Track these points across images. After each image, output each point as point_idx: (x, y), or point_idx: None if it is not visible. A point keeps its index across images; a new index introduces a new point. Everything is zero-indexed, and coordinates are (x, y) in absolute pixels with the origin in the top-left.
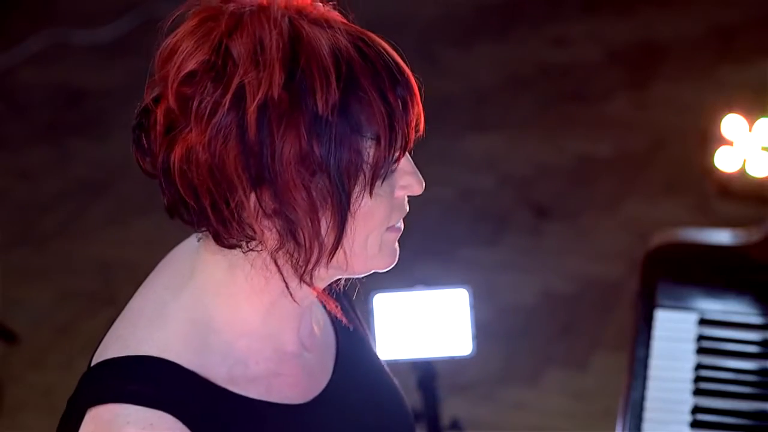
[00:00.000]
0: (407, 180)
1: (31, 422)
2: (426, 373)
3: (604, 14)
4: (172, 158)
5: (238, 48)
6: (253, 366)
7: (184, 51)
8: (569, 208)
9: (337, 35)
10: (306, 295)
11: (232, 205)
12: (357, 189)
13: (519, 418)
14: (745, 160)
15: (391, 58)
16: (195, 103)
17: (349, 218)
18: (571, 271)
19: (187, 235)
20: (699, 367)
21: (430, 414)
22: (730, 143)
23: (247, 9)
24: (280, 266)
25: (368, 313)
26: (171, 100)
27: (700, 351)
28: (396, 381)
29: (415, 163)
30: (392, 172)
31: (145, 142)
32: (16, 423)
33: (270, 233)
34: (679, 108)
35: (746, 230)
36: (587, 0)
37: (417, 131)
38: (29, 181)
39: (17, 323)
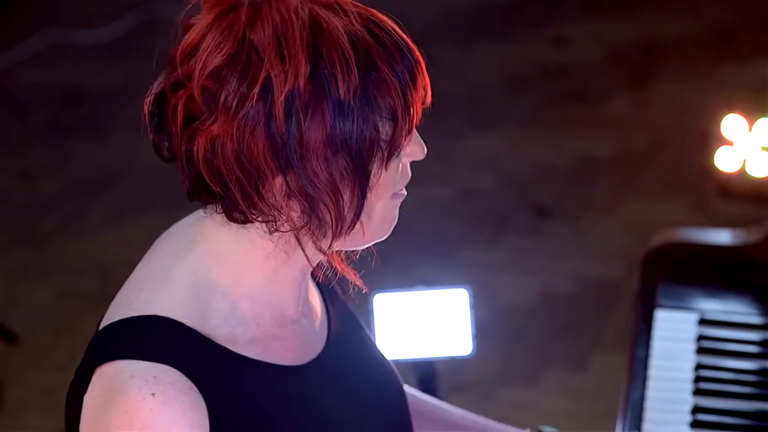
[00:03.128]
0: (412, 148)
1: (31, 422)
2: (426, 373)
3: (604, 14)
4: (195, 148)
5: (262, 40)
6: (253, 328)
7: (208, 46)
8: (569, 208)
9: (352, 20)
10: (305, 264)
11: (262, 190)
12: (375, 165)
13: (519, 418)
14: (745, 160)
15: (398, 35)
16: (222, 97)
17: (369, 193)
18: (571, 271)
19: None
20: (699, 367)
21: None
22: (730, 143)
23: None
24: (301, 239)
25: (368, 313)
26: (197, 94)
27: (700, 351)
28: (389, 360)
29: (415, 163)
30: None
31: (162, 129)
32: (16, 423)
33: (294, 213)
34: (679, 108)
35: (746, 230)
36: (587, 0)
37: (424, 103)
38: (29, 181)
39: (17, 323)
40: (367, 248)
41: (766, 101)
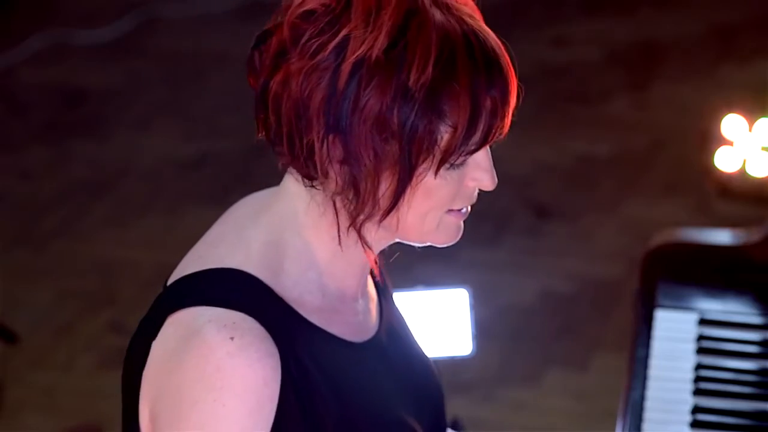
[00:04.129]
0: (480, 175)
1: (31, 422)
2: None
3: (604, 14)
4: (273, 81)
5: (358, 4)
6: (319, 297)
7: None
8: (569, 208)
9: (453, 22)
10: (358, 245)
11: (305, 141)
12: (424, 166)
13: (519, 418)
14: (745, 160)
15: (497, 59)
16: (304, 38)
17: (408, 189)
18: (570, 271)
19: (186, 235)
20: (699, 367)
21: None
22: (730, 143)
23: None
24: (338, 210)
25: None
26: (286, 29)
27: (700, 351)
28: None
29: None
30: (463, 163)
31: (257, 61)
32: (16, 423)
33: (335, 177)
34: (679, 108)
35: (746, 230)
36: (587, 0)
37: (499, 135)
38: (29, 181)
39: (17, 323)
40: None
41: (766, 101)
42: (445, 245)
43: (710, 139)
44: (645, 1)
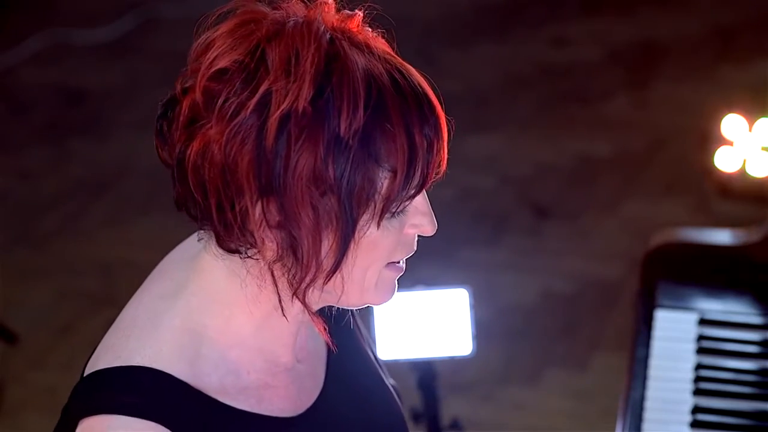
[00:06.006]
0: (420, 219)
1: (31, 422)
2: (426, 373)
3: (604, 14)
4: (189, 151)
5: (274, 55)
6: (245, 376)
7: (219, 47)
8: (569, 208)
9: (375, 61)
10: (298, 312)
11: (237, 209)
12: (365, 217)
13: (519, 418)
14: (745, 160)
15: (426, 96)
16: (220, 100)
17: (352, 245)
18: (571, 271)
19: (187, 235)
20: (699, 367)
21: (430, 414)
22: (730, 143)
23: (291, 20)
24: (276, 278)
25: (368, 313)
26: (198, 94)
27: (700, 351)
28: (390, 385)
29: None
30: (404, 209)
31: (166, 131)
32: (17, 423)
33: (271, 244)
34: (679, 108)
35: (746, 230)
36: (587, 0)
37: (437, 173)
38: (29, 181)
39: (17, 323)
40: None
41: (766, 101)
42: (381, 304)
43: (710, 139)
44: (645, 1)
